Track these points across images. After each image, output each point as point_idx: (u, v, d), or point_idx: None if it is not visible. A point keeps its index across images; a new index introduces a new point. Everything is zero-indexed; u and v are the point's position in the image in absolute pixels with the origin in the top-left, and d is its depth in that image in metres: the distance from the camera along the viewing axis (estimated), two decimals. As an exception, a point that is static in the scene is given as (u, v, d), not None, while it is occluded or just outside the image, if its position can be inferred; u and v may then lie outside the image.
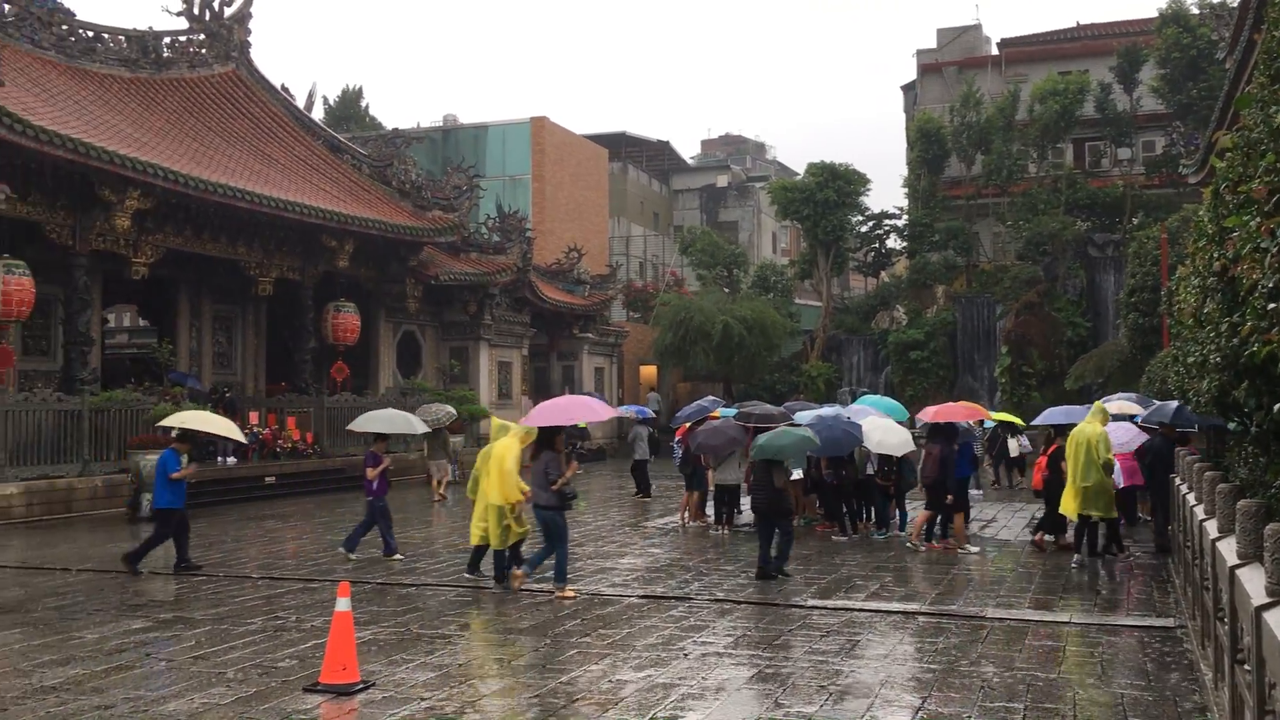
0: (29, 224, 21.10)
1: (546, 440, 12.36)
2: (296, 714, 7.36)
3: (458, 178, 32.41)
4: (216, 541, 16.73)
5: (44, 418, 20.36)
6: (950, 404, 18.21)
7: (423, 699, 7.69)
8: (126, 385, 23.49)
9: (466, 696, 7.77)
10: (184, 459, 13.46)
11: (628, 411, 26.24)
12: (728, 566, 13.85)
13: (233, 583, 12.81)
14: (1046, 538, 15.14)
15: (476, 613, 10.87)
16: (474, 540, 12.83)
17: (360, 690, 7.86)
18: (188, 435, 13.98)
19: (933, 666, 8.63)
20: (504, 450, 12.27)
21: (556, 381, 40.34)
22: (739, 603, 11.36)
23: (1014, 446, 25.20)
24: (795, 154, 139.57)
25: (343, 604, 8.04)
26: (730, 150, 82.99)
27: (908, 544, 15.38)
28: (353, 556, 14.47)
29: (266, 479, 24.53)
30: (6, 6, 24.59)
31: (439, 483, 23.24)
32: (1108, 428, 14.26)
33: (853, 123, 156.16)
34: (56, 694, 7.84)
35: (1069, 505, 13.83)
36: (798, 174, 58.73)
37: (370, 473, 14.57)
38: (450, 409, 24.76)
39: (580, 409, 13.88)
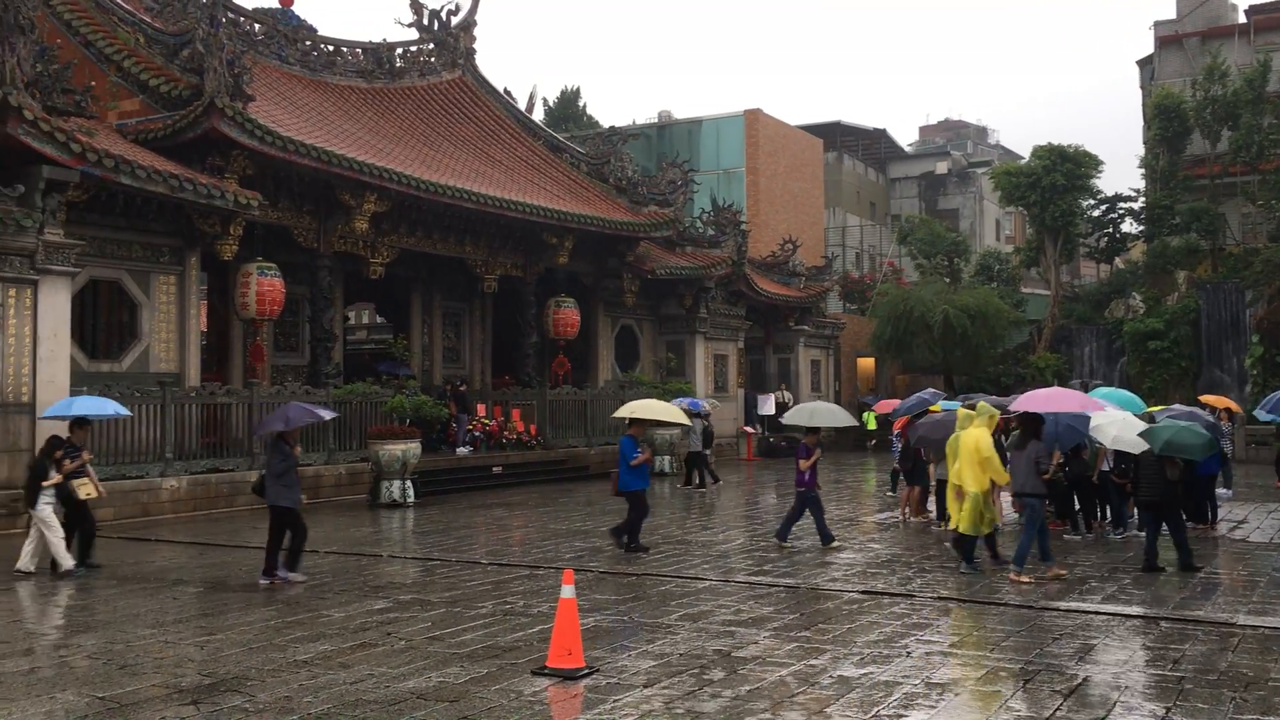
0: (278, 228, 22.65)
1: (1033, 430, 12.63)
2: (525, 695, 7.62)
3: (672, 173, 32.73)
4: (450, 528, 17.53)
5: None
6: None
7: (644, 687, 7.82)
8: (365, 379, 24.89)
9: (687, 686, 7.85)
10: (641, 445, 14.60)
11: (679, 404, 26.39)
12: (952, 564, 13.46)
13: (464, 568, 13.38)
14: None
15: (696, 603, 10.97)
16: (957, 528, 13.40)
17: (585, 675, 8.07)
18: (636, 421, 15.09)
19: (1176, 675, 8.14)
20: (978, 438, 12.50)
21: (772, 375, 40.20)
22: (964, 601, 11.03)
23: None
24: (1019, 136, 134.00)
25: (567, 591, 8.27)
26: (950, 136, 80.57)
27: None
28: (785, 545, 14.82)
29: (494, 469, 25.51)
30: (256, 26, 26.48)
31: (697, 472, 24.98)
32: None
33: (1082, 101, 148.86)
34: (308, 668, 8.39)
35: None
36: (1022, 158, 56.47)
37: (803, 464, 14.89)
38: (714, 401, 28.13)
39: (1069, 400, 14.03)
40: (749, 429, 35.85)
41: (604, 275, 31.51)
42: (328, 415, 14.40)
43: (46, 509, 12.94)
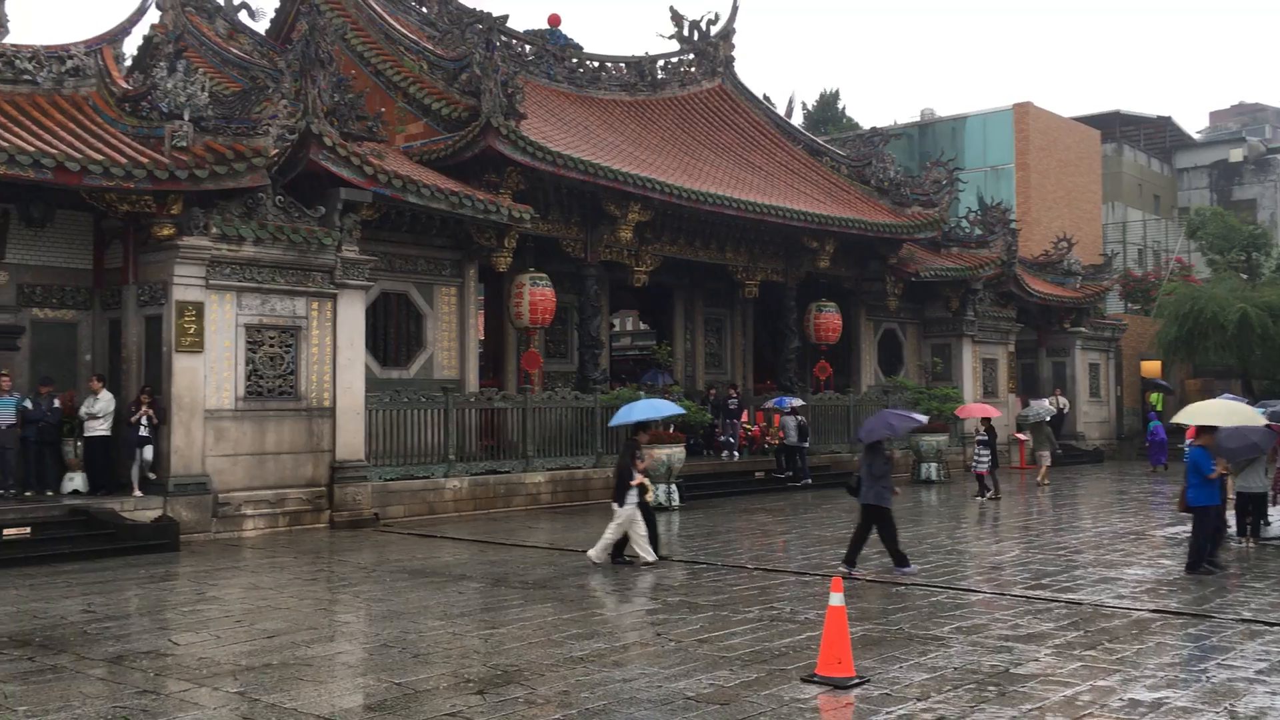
0: (548, 240, 23.59)
1: None
2: (795, 702, 7.59)
3: (936, 172, 31.85)
4: (714, 531, 17.72)
5: (564, 414, 22.67)
6: None
7: (918, 700, 7.63)
8: (630, 384, 25.52)
9: (964, 701, 7.60)
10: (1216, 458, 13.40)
11: (768, 404, 26.79)
12: (1255, 583, 12.42)
13: (730, 572, 13.48)
14: None
15: (969, 616, 10.60)
16: None
17: (856, 685, 7.96)
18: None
19: None
20: None
21: (1045, 379, 38.36)
22: (1272, 625, 10.13)
23: None
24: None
25: (836, 599, 8.17)
26: (1245, 120, 74.33)
27: None
28: None
29: (756, 474, 25.58)
30: (527, 47, 27.74)
31: (1042, 471, 26.27)
32: None
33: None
34: (584, 665, 8.68)
35: None
36: (1332, 139, 51.48)
37: None
38: (1047, 404, 30.02)
39: None
40: (1021, 435, 34.29)
41: (866, 278, 31.01)
42: (922, 419, 15.20)
43: (632, 506, 14.01)
